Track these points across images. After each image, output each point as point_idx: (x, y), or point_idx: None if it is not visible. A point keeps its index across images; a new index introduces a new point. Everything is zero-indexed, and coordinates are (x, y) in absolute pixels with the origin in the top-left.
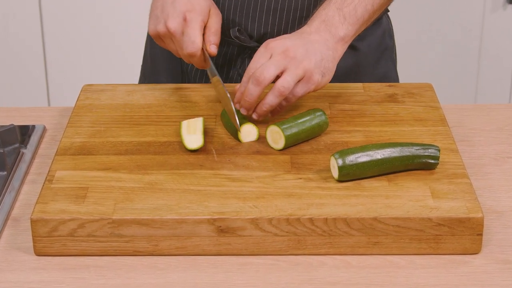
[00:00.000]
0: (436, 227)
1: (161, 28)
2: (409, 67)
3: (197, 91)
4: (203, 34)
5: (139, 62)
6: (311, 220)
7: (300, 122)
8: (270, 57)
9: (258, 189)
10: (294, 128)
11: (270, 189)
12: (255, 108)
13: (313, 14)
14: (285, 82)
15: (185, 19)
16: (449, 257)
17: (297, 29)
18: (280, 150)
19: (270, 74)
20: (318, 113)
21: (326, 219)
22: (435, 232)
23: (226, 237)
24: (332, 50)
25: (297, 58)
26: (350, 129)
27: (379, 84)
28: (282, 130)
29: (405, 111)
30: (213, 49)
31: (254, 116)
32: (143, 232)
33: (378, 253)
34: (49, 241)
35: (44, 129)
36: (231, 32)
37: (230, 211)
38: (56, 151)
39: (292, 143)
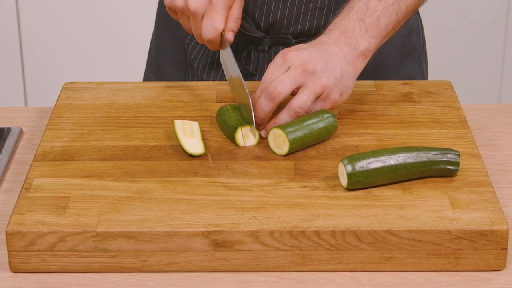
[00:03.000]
0: (455, 240)
1: (179, 3)
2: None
3: (189, 90)
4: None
5: (125, 58)
6: (317, 232)
7: (306, 125)
8: (287, 70)
9: (258, 199)
10: (299, 131)
11: (271, 198)
12: (266, 126)
13: (331, 22)
14: (302, 102)
15: (210, 2)
16: (470, 274)
17: (309, 21)
18: (284, 155)
19: (285, 89)
20: (326, 115)
21: (334, 231)
22: (454, 246)
23: (222, 251)
24: (352, 65)
25: (316, 73)
26: (361, 132)
27: (392, 82)
28: (286, 134)
29: (421, 112)
30: (230, 36)
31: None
32: (130, 246)
33: (392, 269)
34: (26, 256)
35: (21, 132)
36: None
37: (227, 223)
38: (34, 157)
39: (296, 148)
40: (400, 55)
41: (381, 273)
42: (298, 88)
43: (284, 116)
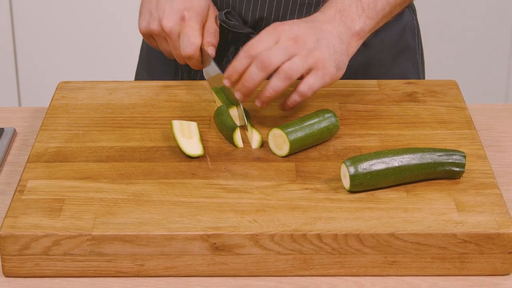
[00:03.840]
0: (461, 244)
1: (155, 27)
2: (430, 62)
3: (188, 89)
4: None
5: (121, 56)
6: (318, 236)
7: (307, 125)
8: (277, 42)
9: (259, 201)
10: (300, 131)
11: (272, 201)
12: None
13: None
14: (293, 64)
15: (183, 18)
16: (477, 279)
17: (297, 17)
18: (284, 156)
19: (278, 59)
20: (328, 115)
21: (336, 235)
22: (460, 250)
23: (221, 255)
24: (346, 44)
25: (308, 46)
26: (364, 132)
27: (396, 81)
28: (287, 134)
29: (426, 112)
30: (210, 51)
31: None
32: (127, 250)
33: (396, 274)
34: (20, 260)
35: (14, 133)
36: (218, 16)
37: (226, 226)
38: (28, 158)
39: (297, 148)
40: (392, 53)
41: (384, 278)
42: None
43: (275, 81)
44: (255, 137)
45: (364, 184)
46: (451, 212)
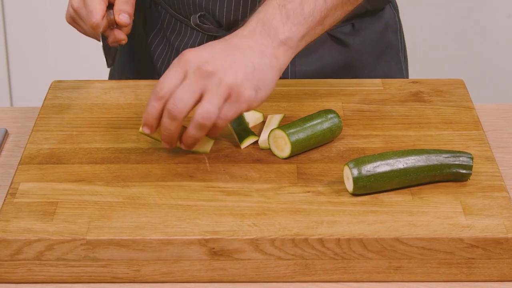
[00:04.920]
0: (468, 249)
1: (69, 10)
2: (436, 60)
3: None
4: (114, 4)
5: None
6: (321, 240)
7: (309, 126)
8: (185, 76)
9: (259, 204)
10: (302, 132)
11: (272, 204)
12: (181, 139)
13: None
14: (205, 112)
15: None
16: (484, 285)
17: None
18: (285, 158)
19: (184, 104)
20: (331, 115)
21: (339, 239)
22: (467, 255)
23: (220, 261)
24: (270, 57)
25: (218, 72)
26: (367, 133)
27: (401, 80)
28: (288, 136)
29: (432, 112)
30: (123, 18)
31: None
32: (122, 255)
33: (400, 279)
34: (11, 265)
35: (6, 134)
36: (191, 19)
37: (225, 230)
38: (20, 160)
39: (299, 150)
40: (375, 53)
41: (389, 284)
42: (201, 96)
43: (192, 131)
44: (257, 116)
45: (367, 186)
46: (457, 216)
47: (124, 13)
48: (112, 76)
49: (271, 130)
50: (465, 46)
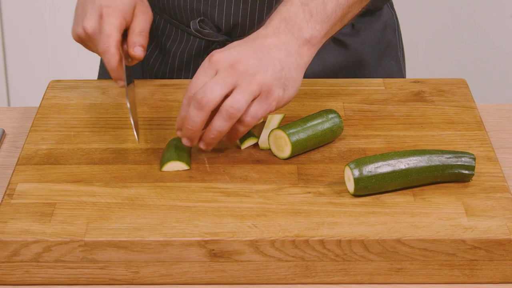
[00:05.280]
0: (471, 250)
1: (80, 31)
2: (438, 60)
3: (185, 88)
4: (127, 36)
5: None
6: (321, 242)
7: (310, 126)
8: (216, 74)
9: (259, 205)
10: (302, 133)
11: (272, 205)
12: (203, 135)
13: (273, 10)
14: (234, 102)
15: (101, 16)
16: (487, 287)
17: None
18: (285, 159)
19: (214, 95)
20: (332, 115)
21: (340, 241)
22: (469, 256)
23: (220, 262)
24: (295, 55)
25: (249, 71)
26: (369, 133)
27: (403, 80)
28: (288, 136)
29: (433, 112)
30: (138, 51)
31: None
32: (120, 257)
33: (402, 281)
34: (9, 267)
35: (3, 134)
36: (191, 25)
37: (225, 232)
38: (17, 160)
39: (299, 150)
40: (376, 53)
41: (390, 286)
42: (231, 92)
43: (217, 121)
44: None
45: (369, 187)
46: (460, 217)
47: (139, 46)
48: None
49: (271, 130)
50: (467, 45)
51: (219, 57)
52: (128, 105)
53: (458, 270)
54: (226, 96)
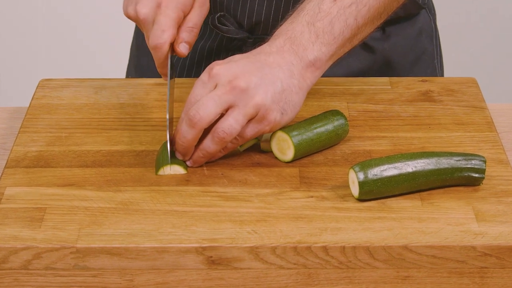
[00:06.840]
0: (481, 257)
1: (131, 11)
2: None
3: (181, 88)
4: (178, 27)
5: (108, 51)
6: (324, 248)
7: (314, 128)
8: (215, 88)
9: (259, 210)
10: (306, 135)
11: (273, 210)
12: (193, 153)
13: (278, 27)
14: (227, 126)
15: (159, 5)
16: None
17: None
18: (288, 162)
19: (207, 113)
20: (337, 117)
21: (344, 247)
22: (480, 263)
23: (218, 270)
24: (298, 77)
25: (249, 91)
26: (374, 135)
27: (409, 78)
28: (291, 138)
29: (442, 113)
30: (182, 48)
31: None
32: (114, 264)
33: None
34: None
35: None
36: (209, 20)
37: (223, 238)
38: (6, 163)
39: (303, 154)
40: (408, 61)
41: None
42: (227, 110)
43: (207, 143)
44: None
45: (374, 191)
46: (469, 222)
47: (185, 43)
48: (128, 73)
49: (274, 132)
50: (477, 42)
51: (219, 70)
52: (168, 102)
53: (468, 278)
54: (222, 113)
